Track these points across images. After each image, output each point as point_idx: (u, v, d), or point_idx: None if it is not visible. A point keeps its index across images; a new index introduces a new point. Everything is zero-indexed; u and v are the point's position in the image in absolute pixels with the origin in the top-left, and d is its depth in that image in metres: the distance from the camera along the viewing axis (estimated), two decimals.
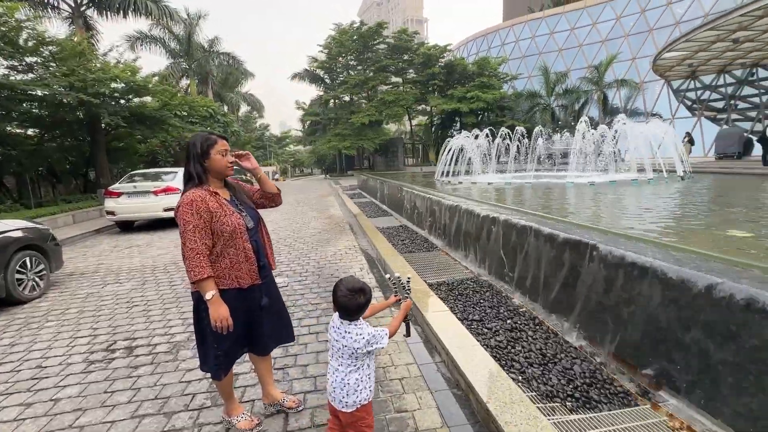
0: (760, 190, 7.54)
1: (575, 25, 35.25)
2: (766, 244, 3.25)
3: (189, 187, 1.99)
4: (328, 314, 3.84)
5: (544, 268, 3.50)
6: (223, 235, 1.93)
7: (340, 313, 1.74)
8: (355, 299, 1.69)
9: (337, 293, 1.71)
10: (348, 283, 1.73)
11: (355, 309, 1.70)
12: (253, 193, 2.29)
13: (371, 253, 6.28)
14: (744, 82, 23.14)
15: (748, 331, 1.88)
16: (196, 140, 2.01)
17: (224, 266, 1.95)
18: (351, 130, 30.23)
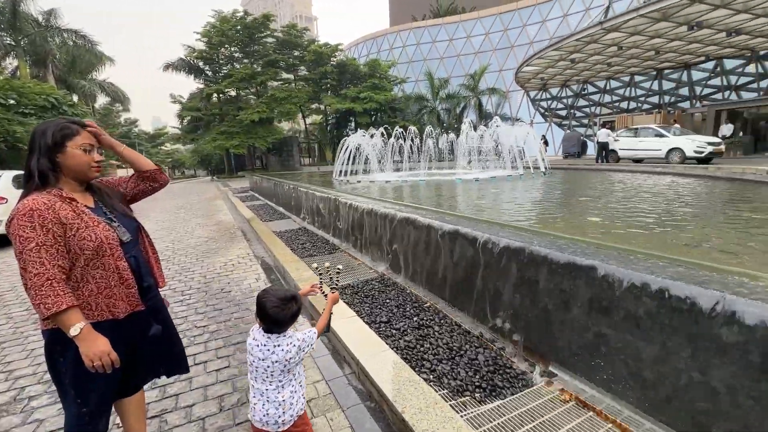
0: (598, 182, 9.29)
1: (453, 36, 38.89)
2: (616, 228, 3.92)
3: (28, 190, 1.43)
4: (218, 338, 3.32)
5: (443, 262, 3.59)
6: (83, 254, 1.42)
7: (269, 327, 1.58)
8: (288, 309, 1.57)
9: (266, 305, 1.56)
10: (277, 292, 1.60)
11: (288, 319, 1.58)
12: (126, 187, 1.77)
13: (268, 261, 5.77)
14: (578, 95, 28.58)
15: (616, 305, 2.13)
16: (47, 128, 1.48)
17: (88, 293, 1.44)
18: (240, 128, 27.94)
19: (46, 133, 1.46)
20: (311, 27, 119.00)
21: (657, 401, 1.97)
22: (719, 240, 3.54)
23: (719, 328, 1.71)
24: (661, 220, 4.49)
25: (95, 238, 1.44)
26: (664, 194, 6.90)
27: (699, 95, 22.86)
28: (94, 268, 1.45)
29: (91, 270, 1.45)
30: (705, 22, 15.01)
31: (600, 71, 24.23)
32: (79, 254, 1.41)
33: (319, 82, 32.45)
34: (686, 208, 5.47)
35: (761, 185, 7.77)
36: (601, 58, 20.85)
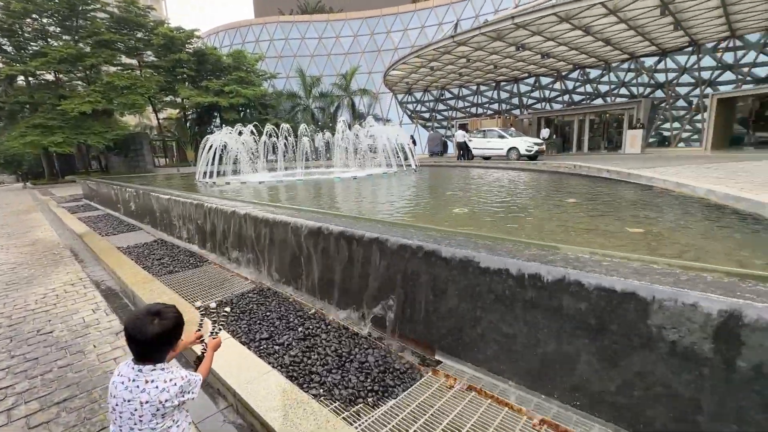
0: (460, 177, 10.47)
1: (322, 35, 38.82)
2: (482, 217, 4.38)
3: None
4: (30, 399, 2.47)
5: (323, 264, 3.44)
6: None
7: (138, 354, 1.30)
8: (153, 323, 1.28)
9: (126, 323, 1.30)
10: (147, 308, 1.35)
11: (158, 338, 1.28)
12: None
13: (112, 285, 4.67)
14: (438, 99, 31.91)
15: (485, 289, 2.32)
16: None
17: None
18: (63, 121, 22.23)
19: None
20: (158, 7, 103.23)
21: (525, 371, 2.22)
22: (556, 223, 4.30)
23: (563, 299, 2.00)
24: (512, 207, 5.25)
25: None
26: (512, 186, 8.18)
27: (525, 104, 28.08)
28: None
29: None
30: (527, 45, 18.43)
31: (454, 80, 27.49)
32: None
33: (173, 71, 28.28)
34: (528, 196, 6.57)
35: (571, 176, 9.93)
36: (454, 68, 23.65)
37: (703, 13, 14.84)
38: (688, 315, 1.62)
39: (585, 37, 17.53)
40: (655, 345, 1.72)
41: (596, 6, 13.75)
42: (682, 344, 1.65)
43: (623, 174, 8.09)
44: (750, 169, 7.76)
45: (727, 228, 3.86)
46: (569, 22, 15.44)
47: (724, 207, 4.75)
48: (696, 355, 1.62)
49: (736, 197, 4.73)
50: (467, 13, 33.36)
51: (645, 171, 7.76)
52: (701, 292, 1.62)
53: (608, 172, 8.74)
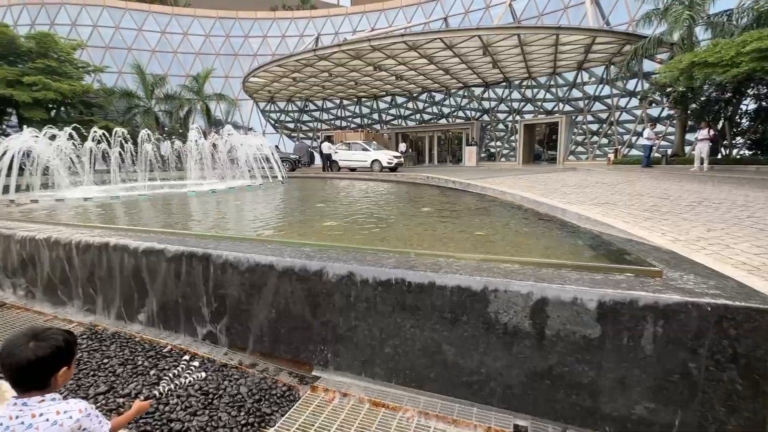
0: (330, 190, 10.64)
1: (166, 29, 34.21)
2: (349, 228, 4.53)
3: None
4: None
5: (175, 290, 3.04)
6: None
7: (20, 382, 1.12)
8: (39, 349, 1.11)
9: (3, 348, 1.12)
10: (27, 329, 1.19)
11: (42, 367, 1.11)
12: None
13: None
14: (302, 110, 31.83)
15: (357, 298, 2.44)
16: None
17: None
18: None
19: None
20: None
21: (397, 370, 2.40)
22: (416, 230, 4.79)
23: (429, 299, 2.27)
24: (379, 218, 5.63)
25: None
26: (376, 196, 8.73)
27: (384, 120, 30.51)
28: None
29: None
30: (384, 66, 20.14)
31: (317, 92, 27.91)
32: None
33: None
34: (392, 207, 7.13)
35: (425, 186, 11.25)
36: (317, 81, 24.05)
37: (511, 57, 18.87)
38: (513, 300, 2.04)
39: (429, 65, 20.16)
40: (493, 328, 2.11)
41: (436, 40, 16.01)
42: (512, 324, 2.07)
43: (464, 184, 9.58)
44: (544, 179, 10.20)
45: (534, 227, 4.99)
46: (417, 50, 17.54)
47: (530, 210, 6.13)
48: (520, 331, 2.06)
49: (538, 202, 6.16)
50: (327, 29, 34.39)
51: (479, 182, 9.37)
52: (520, 281, 2.07)
53: (453, 182, 10.22)
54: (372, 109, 30.42)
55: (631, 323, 1.84)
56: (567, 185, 8.46)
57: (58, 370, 1.18)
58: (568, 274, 2.16)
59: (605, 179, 9.60)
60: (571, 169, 14.88)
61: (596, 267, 2.28)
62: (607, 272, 2.20)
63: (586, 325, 1.91)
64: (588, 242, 3.76)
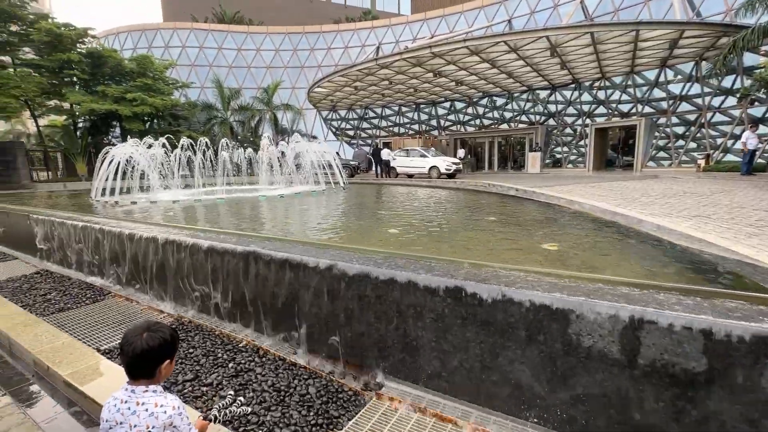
0: (389, 196, 10.77)
1: (242, 47, 37.34)
2: (413, 237, 4.53)
3: None
4: None
5: (254, 291, 3.25)
6: None
7: (129, 372, 1.28)
8: (150, 339, 1.25)
9: (124, 338, 1.29)
10: (143, 322, 1.35)
11: (151, 357, 1.24)
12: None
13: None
14: (362, 118, 32.69)
15: (426, 309, 2.41)
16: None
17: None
18: None
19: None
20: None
21: (464, 386, 2.33)
22: (482, 241, 4.65)
23: (498, 314, 2.17)
24: (443, 227, 5.56)
25: None
26: (437, 204, 8.65)
27: (443, 126, 30.22)
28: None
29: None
30: (444, 72, 20.00)
31: (377, 100, 28.51)
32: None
33: (60, 73, 24.55)
34: (453, 215, 7.01)
35: (486, 194, 10.89)
36: (378, 89, 24.56)
37: (582, 57, 17.69)
38: (599, 322, 1.88)
39: (492, 69, 19.61)
40: (574, 351, 1.96)
41: (500, 43, 15.53)
42: (596, 348, 1.90)
43: (529, 192, 9.11)
44: (620, 187, 9.34)
45: (611, 241, 4.57)
46: (478, 55, 17.16)
47: (609, 222, 5.64)
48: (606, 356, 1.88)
49: (615, 213, 5.65)
50: (388, 38, 35.08)
51: (546, 189, 8.85)
52: (608, 302, 1.89)
53: (517, 190, 9.78)
54: (430, 115, 30.32)
55: (749, 359, 1.60)
56: (648, 194, 7.68)
57: (163, 362, 1.32)
58: (665, 296, 1.94)
59: (695, 188, 8.56)
60: (652, 177, 13.49)
61: (699, 291, 2.01)
62: (712, 296, 1.93)
63: (690, 357, 1.69)
64: (680, 260, 3.35)
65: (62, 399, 2.58)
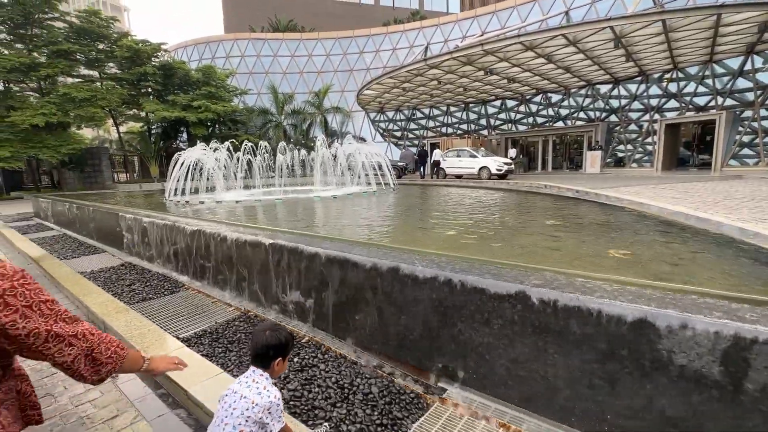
0: (441, 198, 10.66)
1: (295, 53, 38.99)
2: (474, 239, 4.44)
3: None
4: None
5: (316, 289, 3.35)
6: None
7: (255, 357, 1.56)
8: (271, 337, 1.55)
9: (253, 334, 1.62)
10: (268, 323, 1.84)
11: (269, 352, 1.53)
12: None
13: (79, 316, 4.28)
14: (409, 119, 32.67)
15: (494, 315, 2.34)
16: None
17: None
18: (12, 134, 20.72)
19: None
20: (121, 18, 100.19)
21: (534, 397, 2.23)
22: (545, 245, 4.44)
23: (574, 324, 2.05)
24: (499, 229, 5.39)
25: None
26: (490, 206, 8.40)
27: (493, 125, 29.32)
28: None
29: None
30: (495, 70, 19.40)
31: (425, 100, 28.33)
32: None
33: (137, 85, 27.26)
34: (509, 217, 6.77)
35: (543, 196, 10.38)
36: (426, 89, 24.41)
37: (651, 47, 16.29)
38: (696, 339, 1.70)
39: (547, 65, 18.69)
40: (664, 370, 1.79)
41: (557, 37, 14.75)
42: (692, 368, 1.72)
43: (591, 194, 8.55)
44: (697, 189, 8.45)
45: (694, 249, 4.14)
46: (533, 50, 16.44)
47: (686, 227, 5.12)
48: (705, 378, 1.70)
49: (698, 218, 5.11)
50: (436, 37, 34.76)
51: (611, 191, 8.25)
52: (706, 316, 1.71)
53: (577, 192, 9.21)
54: (479, 115, 29.56)
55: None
56: (732, 197, 6.88)
57: (276, 359, 1.58)
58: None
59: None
60: (735, 177, 12.07)
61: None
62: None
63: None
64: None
65: (150, 381, 2.84)
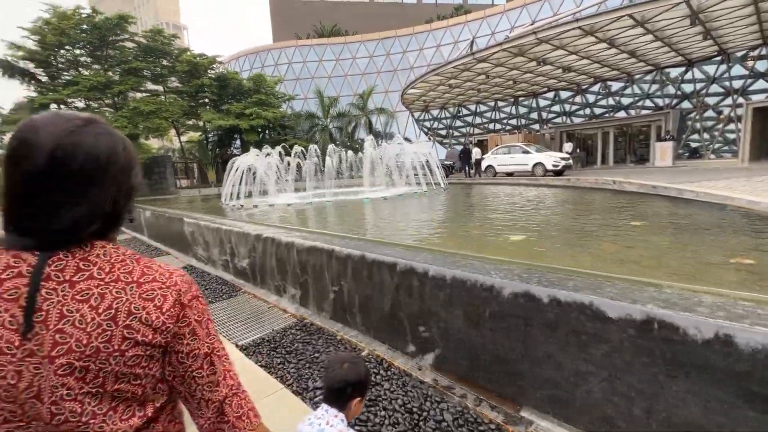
0: (495, 197, 10.08)
1: (339, 57, 39.64)
2: (547, 245, 3.99)
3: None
4: None
5: (377, 299, 3.11)
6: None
7: (329, 394, 1.40)
8: (354, 372, 1.39)
9: (327, 364, 1.49)
10: (346, 355, 1.58)
11: (345, 389, 1.36)
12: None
13: None
14: (455, 116, 31.84)
15: (587, 340, 1.94)
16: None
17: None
18: None
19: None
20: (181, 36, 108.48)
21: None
22: (638, 252, 3.87)
23: (714, 357, 1.61)
24: (572, 231, 4.85)
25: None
26: (555, 205, 7.74)
27: (545, 119, 27.68)
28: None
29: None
30: (549, 59, 18.21)
31: (472, 96, 27.41)
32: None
33: (196, 96, 29.16)
34: (581, 218, 6.14)
35: (608, 192, 9.43)
36: (473, 84, 23.56)
37: (734, 22, 14.37)
38: None
39: (608, 50, 17.21)
40: None
41: (623, 18, 13.46)
42: None
43: (671, 190, 7.57)
44: None
45: None
46: (593, 35, 15.18)
47: None
48: None
49: None
50: (482, 30, 33.59)
51: (696, 186, 7.25)
52: None
53: (654, 187, 8.22)
54: (530, 108, 28.06)
55: None
56: None
57: (354, 398, 1.38)
58: None
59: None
60: None
61: None
62: None
63: None
64: None
65: None
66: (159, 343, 0.74)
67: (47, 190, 0.69)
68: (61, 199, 0.70)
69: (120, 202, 0.78)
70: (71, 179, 0.70)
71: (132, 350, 0.71)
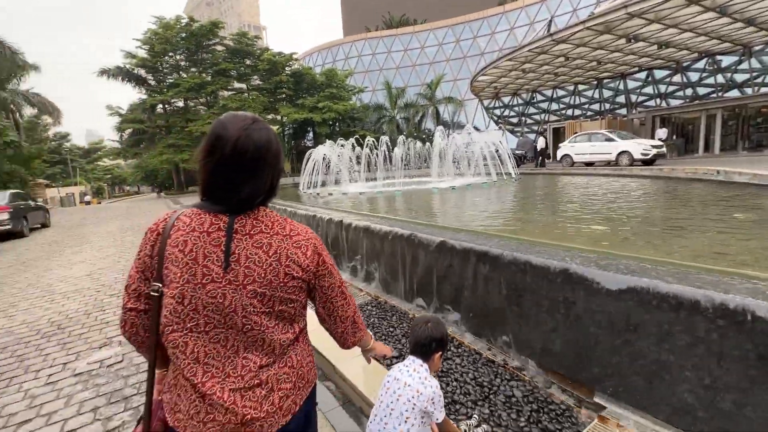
0: (571, 188, 9.52)
1: (408, 47, 39.60)
2: (629, 238, 3.81)
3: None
4: None
5: (450, 282, 3.27)
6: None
7: (416, 347, 1.57)
8: (430, 330, 1.56)
9: (414, 324, 1.64)
10: (430, 316, 1.69)
11: (429, 344, 1.55)
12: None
13: None
14: (528, 103, 30.08)
15: (671, 329, 1.91)
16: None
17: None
18: (190, 140, 26.21)
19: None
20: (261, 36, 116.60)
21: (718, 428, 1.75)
22: (742, 244, 3.54)
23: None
24: (669, 225, 4.51)
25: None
26: (642, 195, 7.13)
27: (633, 103, 24.89)
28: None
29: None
30: (641, 35, 16.34)
31: (548, 81, 25.64)
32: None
33: (275, 92, 31.48)
34: (677, 209, 5.62)
35: (721, 185, 8.34)
36: (550, 68, 22.03)
37: None
38: None
39: (719, 19, 14.92)
40: None
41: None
42: None
43: None
44: None
45: None
46: (700, 4, 13.27)
47: None
48: None
49: None
50: (563, 8, 31.04)
51: None
52: None
53: None
54: (617, 91, 25.43)
55: None
56: None
57: (437, 352, 1.58)
58: None
59: None
60: None
61: None
62: None
63: None
64: None
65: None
66: (305, 278, 1.05)
67: (233, 170, 0.99)
68: (241, 178, 1.00)
69: (275, 179, 1.07)
70: (247, 163, 1.00)
71: (291, 282, 1.01)
